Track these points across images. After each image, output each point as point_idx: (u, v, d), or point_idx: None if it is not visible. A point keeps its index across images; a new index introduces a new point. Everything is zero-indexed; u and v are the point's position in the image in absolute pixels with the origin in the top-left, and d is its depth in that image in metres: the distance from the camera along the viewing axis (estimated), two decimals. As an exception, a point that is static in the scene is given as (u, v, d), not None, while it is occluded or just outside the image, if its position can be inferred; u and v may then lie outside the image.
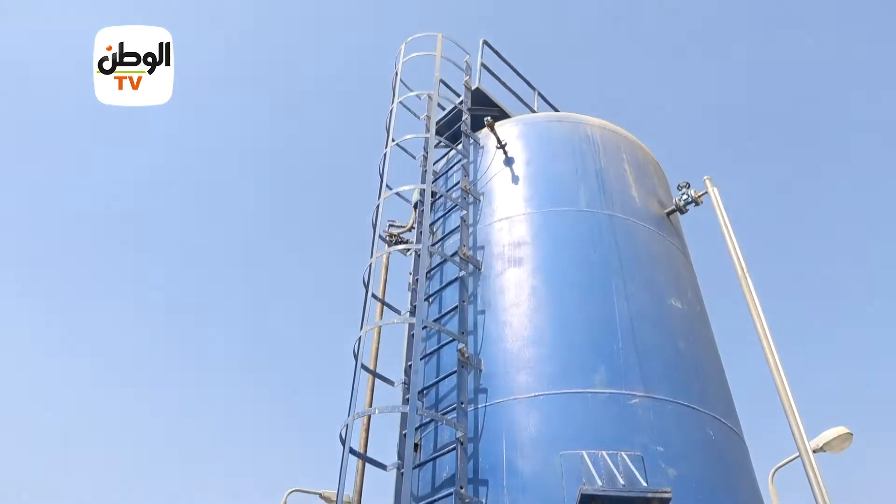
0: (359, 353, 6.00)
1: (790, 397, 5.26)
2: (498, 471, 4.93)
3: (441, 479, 5.23)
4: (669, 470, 4.73)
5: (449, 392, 5.66)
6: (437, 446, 5.42)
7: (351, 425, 5.39)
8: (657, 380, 5.29)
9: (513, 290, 5.99)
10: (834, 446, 8.89)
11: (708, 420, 5.28)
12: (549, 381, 5.27)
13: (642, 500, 4.11)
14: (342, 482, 5.31)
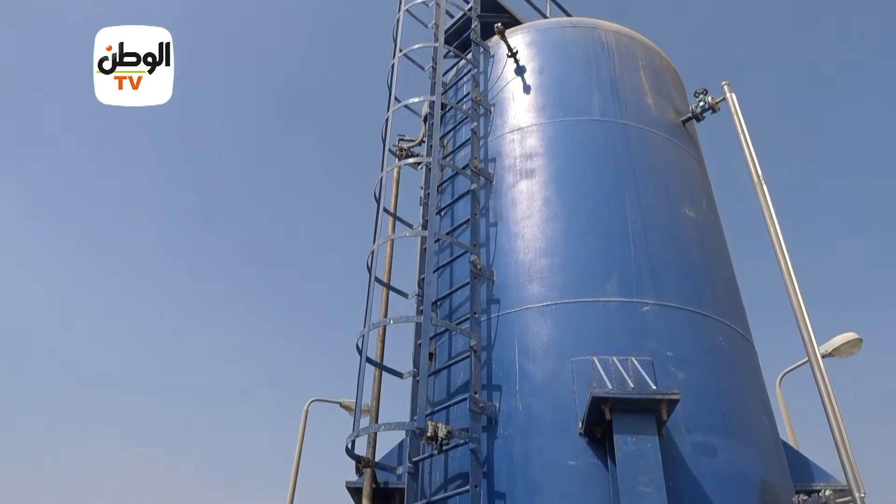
0: (372, 266, 6.07)
1: (801, 301, 5.29)
2: (510, 377, 5.06)
3: (456, 386, 5.39)
4: (679, 374, 4.83)
5: (462, 303, 5.74)
6: (452, 355, 5.56)
7: (367, 336, 5.51)
8: (669, 288, 5.33)
9: (525, 202, 5.97)
10: (843, 351, 9.01)
11: (718, 326, 5.34)
12: (561, 290, 5.32)
13: (651, 401, 4.22)
14: (360, 390, 5.49)
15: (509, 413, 4.90)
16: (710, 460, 4.52)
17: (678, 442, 4.50)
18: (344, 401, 11.87)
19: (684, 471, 4.40)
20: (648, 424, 4.19)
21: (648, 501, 3.91)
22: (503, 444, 4.81)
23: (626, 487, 3.98)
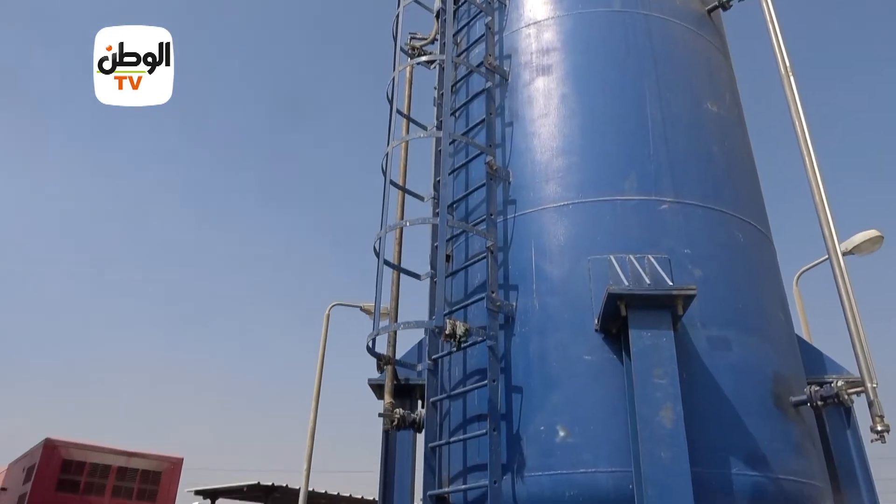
0: (387, 169, 6.02)
1: (823, 196, 5.19)
2: (527, 276, 5.10)
3: (473, 286, 5.45)
4: (696, 271, 4.83)
5: (478, 205, 5.71)
6: (468, 256, 5.58)
7: (383, 238, 5.54)
8: (688, 185, 5.24)
9: (541, 100, 5.80)
10: (863, 249, 8.94)
11: (737, 223, 5.28)
12: (578, 189, 5.26)
13: (667, 297, 4.24)
14: (379, 292, 5.58)
15: (526, 311, 4.97)
16: (724, 354, 4.59)
17: (693, 337, 4.56)
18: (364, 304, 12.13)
19: (698, 364, 4.48)
20: (664, 319, 4.23)
21: (662, 393, 4.00)
22: (520, 341, 4.91)
23: (641, 380, 4.07)
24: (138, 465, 10.89)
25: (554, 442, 4.46)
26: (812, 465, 4.62)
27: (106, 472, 10.56)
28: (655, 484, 3.75)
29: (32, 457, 10.65)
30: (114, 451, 10.83)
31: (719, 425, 4.34)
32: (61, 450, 10.35)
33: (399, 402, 5.72)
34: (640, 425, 3.93)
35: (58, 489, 10.11)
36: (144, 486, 10.83)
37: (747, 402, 4.47)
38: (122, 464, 10.74)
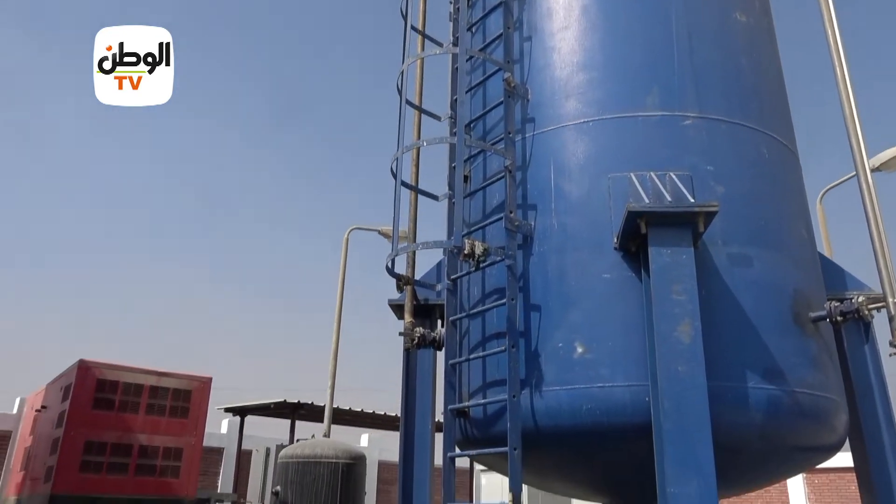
0: (403, 88, 5.89)
1: (854, 109, 5.01)
2: (546, 196, 5.05)
3: (491, 206, 5.42)
4: (718, 188, 4.75)
5: (496, 124, 5.61)
6: (486, 176, 5.53)
7: (400, 159, 5.49)
8: (713, 99, 5.08)
9: (561, 13, 5.58)
10: (891, 165, 8.72)
11: (763, 138, 5.15)
12: (598, 106, 5.12)
13: (688, 214, 4.19)
14: (397, 213, 5.58)
15: (544, 231, 4.96)
16: (744, 271, 4.56)
17: (714, 254, 4.53)
18: (382, 228, 12.19)
19: (718, 281, 4.47)
20: (684, 237, 4.20)
21: (681, 309, 4.02)
22: (538, 261, 4.92)
23: (660, 297, 4.08)
24: (169, 384, 11.31)
25: (572, 358, 4.53)
26: (828, 378, 4.67)
27: (139, 391, 11.00)
28: (672, 397, 3.83)
29: (68, 377, 11.09)
30: (145, 371, 11.23)
31: (737, 341, 4.37)
32: (94, 370, 10.76)
33: (419, 322, 5.81)
34: (658, 341, 3.97)
35: (94, 407, 10.57)
36: (176, 403, 11.28)
37: (766, 318, 4.48)
38: (153, 383, 11.16)
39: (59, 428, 10.64)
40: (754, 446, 4.41)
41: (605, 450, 4.55)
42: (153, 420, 11.01)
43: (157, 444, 10.93)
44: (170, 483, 10.95)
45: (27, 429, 13.27)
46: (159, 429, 11.03)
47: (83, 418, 10.47)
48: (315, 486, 6.64)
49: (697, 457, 3.70)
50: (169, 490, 10.92)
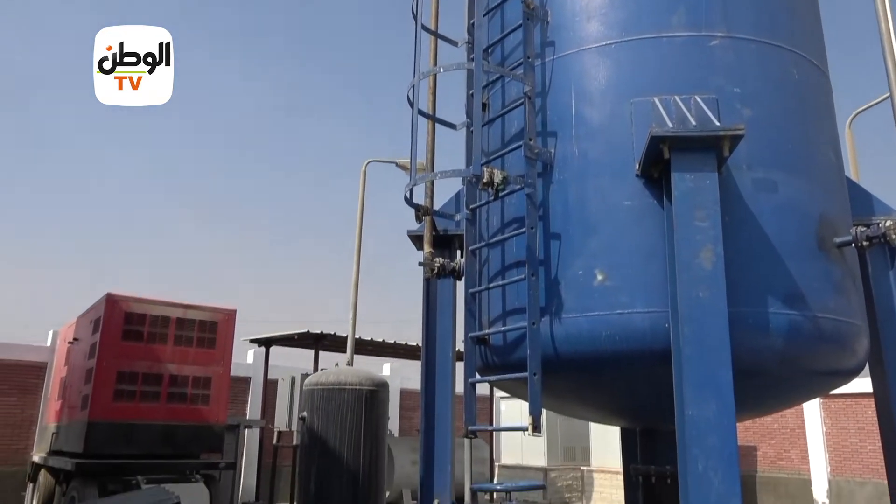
0: (418, 13, 5.73)
1: (889, 25, 4.78)
2: (566, 122, 4.95)
3: (510, 134, 5.34)
4: (745, 110, 4.61)
5: (514, 49, 5.44)
6: (505, 103, 5.41)
7: (417, 86, 5.38)
8: (742, 17, 4.87)
9: (583, -72, 5.31)
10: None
11: (793, 58, 4.96)
12: (621, 27, 4.94)
13: (713, 138, 4.09)
14: (414, 142, 5.50)
15: (564, 158, 4.88)
16: (769, 196, 4.48)
17: (738, 179, 4.45)
18: (399, 160, 12.09)
19: (742, 207, 4.40)
20: (708, 162, 4.11)
21: (703, 236, 3.98)
22: (558, 189, 4.86)
23: (682, 223, 4.03)
24: (195, 316, 11.57)
25: (591, 285, 4.54)
26: (851, 303, 4.64)
27: (166, 324, 11.27)
28: (692, 322, 3.84)
29: (97, 310, 11.39)
30: (171, 303, 11.48)
31: (759, 266, 4.34)
32: (122, 304, 11.02)
33: (438, 252, 5.83)
34: (679, 267, 3.95)
35: (124, 339, 10.88)
36: (203, 335, 11.57)
37: (789, 244, 4.43)
38: (179, 315, 11.42)
39: (91, 359, 11.01)
40: (774, 371, 4.44)
41: (623, 375, 4.62)
42: (181, 351, 11.33)
43: (186, 374, 11.27)
44: (200, 410, 11.36)
45: (61, 360, 13.75)
46: (188, 359, 11.36)
47: (114, 350, 10.80)
48: (340, 412, 6.85)
49: (716, 380, 3.73)
50: (200, 417, 11.34)
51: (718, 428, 3.67)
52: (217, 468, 11.61)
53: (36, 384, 15.10)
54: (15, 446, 14.61)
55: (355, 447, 6.75)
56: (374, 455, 6.91)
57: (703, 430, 3.67)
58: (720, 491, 3.58)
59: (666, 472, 5.22)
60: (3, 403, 14.64)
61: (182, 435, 11.11)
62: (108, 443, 10.40)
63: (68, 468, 10.61)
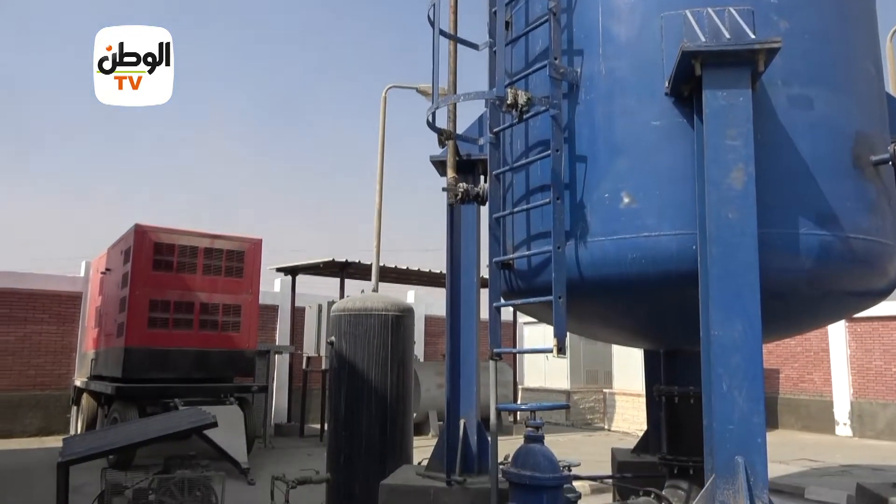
0: (438, -75, 5.46)
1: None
2: (593, 39, 4.77)
3: (534, 54, 5.17)
4: (781, 23, 4.40)
5: (539, -38, 5.20)
6: (529, 20, 5.22)
7: (438, 5, 5.20)
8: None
9: None
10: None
11: (835, -35, 4.67)
12: (652, -65, 4.68)
13: (748, 52, 3.91)
14: (436, 64, 5.36)
15: (591, 77, 4.73)
16: (804, 113, 4.33)
17: (772, 95, 4.28)
18: (420, 85, 11.84)
19: (775, 124, 4.25)
20: (742, 77, 3.95)
21: (734, 154, 3.87)
22: (584, 109, 4.74)
23: (713, 142, 3.92)
24: (222, 245, 11.74)
25: (618, 208, 4.48)
26: (885, 223, 4.54)
27: (194, 253, 11.47)
28: (720, 243, 3.78)
29: (126, 241, 11.60)
30: (198, 233, 11.65)
31: (791, 186, 4.23)
32: (151, 234, 11.20)
33: (462, 178, 5.78)
34: (709, 188, 3.87)
35: (154, 269, 11.12)
36: (230, 264, 11.77)
37: (824, 162, 4.30)
38: (206, 245, 11.60)
39: (124, 288, 11.30)
40: (802, 292, 4.41)
41: (649, 298, 4.61)
42: (210, 280, 11.57)
43: (216, 302, 11.55)
44: (232, 337, 11.69)
45: (95, 290, 14.14)
46: (217, 287, 11.61)
47: (145, 279, 11.06)
48: (367, 337, 6.99)
49: (743, 301, 3.71)
50: (231, 343, 11.69)
51: (744, 348, 3.67)
52: (250, 391, 12.05)
53: (73, 313, 15.61)
54: (58, 371, 15.25)
55: (382, 370, 6.92)
56: (401, 378, 7.08)
57: (729, 351, 3.68)
58: (744, 409, 3.62)
59: (689, 392, 5.28)
60: (44, 332, 15.19)
61: (215, 360, 11.49)
62: (145, 368, 10.80)
63: (109, 392, 11.08)
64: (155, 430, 5.96)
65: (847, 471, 10.53)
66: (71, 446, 5.81)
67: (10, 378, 14.70)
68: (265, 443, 13.67)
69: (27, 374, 14.90)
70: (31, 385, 14.89)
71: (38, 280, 15.43)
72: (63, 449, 5.71)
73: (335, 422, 7.07)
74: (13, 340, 14.82)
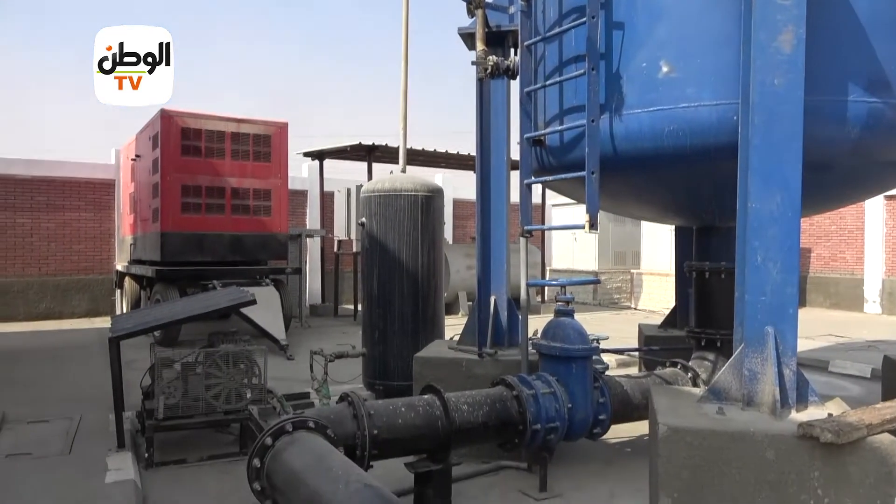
0: None
1: None
2: None
3: None
4: None
5: None
6: None
7: None
8: None
9: None
10: None
11: None
12: None
13: None
14: (463, -75, 5.02)
15: (631, -65, 4.39)
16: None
17: (830, -51, 3.94)
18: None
19: (831, -19, 3.94)
20: (798, -73, 3.62)
21: (785, 15, 3.60)
22: (623, -29, 4.43)
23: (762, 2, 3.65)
24: (248, 130, 11.66)
25: (656, 78, 4.30)
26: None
27: (221, 138, 11.43)
28: (763, 111, 3.62)
29: (153, 127, 11.58)
30: (224, 117, 11.55)
31: (842, 49, 3.99)
32: (177, 119, 11.14)
33: (492, 51, 5.56)
34: (755, 52, 3.65)
35: (183, 154, 11.16)
36: (258, 148, 11.74)
37: (880, 23, 4.02)
38: (233, 129, 11.53)
39: (155, 174, 11.41)
40: (845, 163, 4.26)
41: (685, 173, 4.51)
42: (239, 164, 11.60)
43: (246, 187, 11.64)
44: (263, 221, 11.87)
45: (127, 176, 14.31)
46: (246, 172, 11.66)
47: (175, 164, 11.13)
48: (397, 217, 7.03)
49: (783, 172, 3.60)
50: (264, 227, 11.88)
51: (782, 220, 3.60)
52: (284, 273, 12.38)
53: (107, 200, 15.93)
54: (98, 256, 15.80)
55: (413, 250, 7.01)
56: (432, 258, 7.18)
57: (766, 223, 3.61)
58: (777, 280, 3.60)
59: (720, 268, 5.29)
60: (82, 219, 15.59)
61: (249, 244, 11.75)
62: (182, 251, 11.11)
63: (149, 275, 11.48)
64: (198, 308, 6.20)
65: (873, 346, 10.66)
66: (120, 323, 6.10)
67: (55, 263, 15.30)
68: (301, 322, 14.23)
69: (71, 260, 15.47)
70: (76, 270, 15.49)
71: (72, 168, 15.66)
72: (113, 325, 6.00)
73: (369, 300, 7.27)
74: (54, 227, 15.27)
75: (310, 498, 2.85)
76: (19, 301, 14.80)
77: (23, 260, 14.98)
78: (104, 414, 6.28)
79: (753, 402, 3.57)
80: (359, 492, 2.68)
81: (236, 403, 5.38)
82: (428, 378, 5.12)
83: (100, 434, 5.69)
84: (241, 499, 4.47)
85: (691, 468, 3.28)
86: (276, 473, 3.27)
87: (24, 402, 6.93)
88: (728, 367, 3.72)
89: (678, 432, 3.30)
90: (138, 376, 6.44)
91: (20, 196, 14.97)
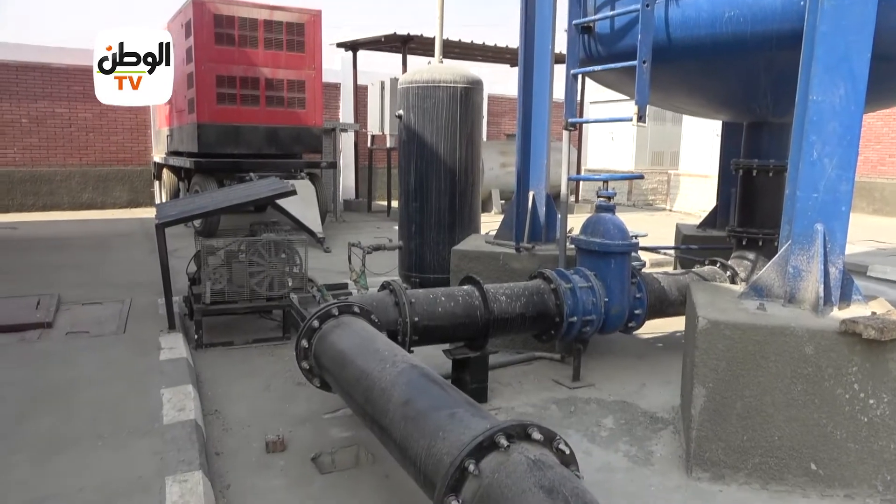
0: None
1: None
2: None
3: None
4: None
5: None
6: None
7: None
8: None
9: None
10: None
11: None
12: None
13: None
14: None
15: None
16: None
17: None
18: None
19: None
20: None
21: None
22: None
23: None
24: (281, 18, 11.34)
25: (718, -41, 4.01)
26: None
27: (254, 26, 11.17)
28: (836, -5, 3.37)
29: (185, 14, 11.33)
30: (256, 4, 11.23)
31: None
32: (210, 5, 10.87)
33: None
34: (832, -73, 3.36)
35: (216, 43, 10.96)
36: (291, 37, 11.46)
37: None
38: (266, 17, 11.23)
39: (189, 64, 11.28)
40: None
41: (743, 63, 4.30)
42: (273, 54, 11.38)
43: (280, 78, 11.47)
44: (298, 114, 11.77)
45: (161, 67, 14.17)
46: (280, 63, 11.45)
47: (209, 54, 10.97)
48: (435, 110, 6.89)
49: (850, 62, 3.39)
50: (298, 120, 11.80)
51: (843, 114, 3.43)
52: (319, 167, 12.41)
53: (142, 91, 15.88)
54: (136, 148, 15.96)
55: (451, 144, 6.92)
56: (469, 152, 7.09)
57: (827, 117, 3.45)
58: (831, 177, 3.48)
59: (769, 165, 5.15)
60: (117, 109, 15.63)
61: (284, 137, 11.72)
62: (218, 143, 11.15)
63: (187, 166, 11.60)
64: (238, 197, 6.28)
65: (915, 252, 10.45)
66: (165, 210, 6.23)
67: (95, 154, 15.51)
68: (336, 216, 14.39)
69: (109, 150, 15.66)
70: (115, 160, 15.71)
71: (105, 57, 15.54)
72: (158, 213, 6.14)
73: (406, 193, 7.27)
74: (91, 118, 15.37)
75: (358, 377, 2.98)
76: (63, 190, 15.17)
77: (63, 150, 15.21)
78: (152, 298, 6.55)
79: (795, 298, 3.56)
80: (405, 371, 2.79)
81: (279, 291, 5.54)
82: (465, 270, 5.19)
83: (150, 316, 5.96)
84: (289, 377, 4.71)
85: (728, 360, 3.32)
86: (324, 354, 3.41)
87: (77, 285, 7.25)
88: (772, 265, 3.68)
89: (717, 325, 3.32)
90: (182, 264, 6.64)
91: (56, 85, 14.99)
